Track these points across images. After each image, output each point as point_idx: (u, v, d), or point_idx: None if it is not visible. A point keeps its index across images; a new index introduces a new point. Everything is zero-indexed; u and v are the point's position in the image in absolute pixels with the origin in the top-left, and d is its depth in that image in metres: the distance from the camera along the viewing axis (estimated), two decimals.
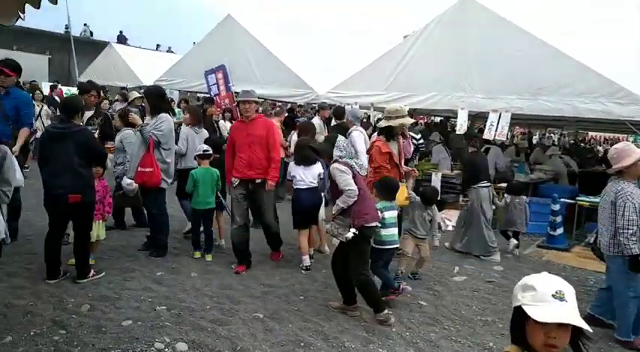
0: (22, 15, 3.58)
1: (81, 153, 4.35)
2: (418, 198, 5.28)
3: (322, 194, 5.64)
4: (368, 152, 5.46)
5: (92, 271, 4.58)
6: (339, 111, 8.32)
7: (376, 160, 5.11)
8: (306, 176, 5.45)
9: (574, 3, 8.83)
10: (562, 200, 7.21)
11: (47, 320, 3.71)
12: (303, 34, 12.53)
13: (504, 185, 8.31)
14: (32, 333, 3.51)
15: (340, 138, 4.41)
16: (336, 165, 4.15)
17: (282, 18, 13.00)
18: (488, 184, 6.57)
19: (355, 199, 4.04)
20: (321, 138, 8.71)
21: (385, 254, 4.55)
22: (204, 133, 6.38)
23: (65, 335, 3.51)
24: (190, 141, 6.11)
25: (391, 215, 4.51)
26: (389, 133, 5.23)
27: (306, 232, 5.56)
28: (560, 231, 7.09)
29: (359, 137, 6.66)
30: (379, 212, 4.33)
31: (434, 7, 9.10)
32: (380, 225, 4.30)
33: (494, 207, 6.64)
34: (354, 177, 4.12)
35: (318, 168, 5.50)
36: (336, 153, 4.23)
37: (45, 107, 10.68)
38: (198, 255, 5.53)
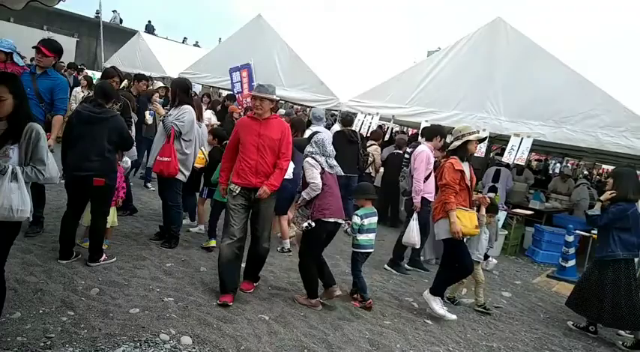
0: None
1: (112, 139, 4.43)
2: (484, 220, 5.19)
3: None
4: (436, 170, 4.93)
5: (104, 255, 4.62)
6: (347, 119, 8.35)
7: (444, 177, 4.60)
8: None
9: (597, 32, 8.74)
10: (577, 231, 7.13)
11: (57, 299, 3.74)
12: (330, 41, 12.57)
13: (521, 211, 8.28)
14: (41, 311, 3.53)
15: (317, 136, 4.71)
16: (307, 159, 4.53)
17: (310, 22, 13.05)
18: None
19: (318, 192, 4.41)
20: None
21: (361, 257, 4.87)
22: (205, 129, 6.47)
23: (73, 316, 3.53)
24: (199, 136, 6.13)
25: (371, 221, 4.82)
26: (463, 152, 4.75)
27: (285, 217, 6.10)
28: (572, 262, 7.01)
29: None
30: (359, 217, 4.72)
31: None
32: (356, 226, 4.71)
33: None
34: (322, 173, 4.48)
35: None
36: (307, 148, 4.60)
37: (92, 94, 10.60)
38: (213, 243, 5.62)
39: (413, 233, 5.70)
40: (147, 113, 7.97)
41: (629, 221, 4.73)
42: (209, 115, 9.39)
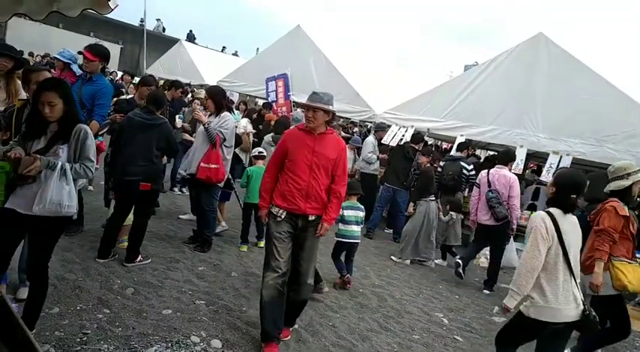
0: (112, 5, 3.79)
1: (160, 145, 4.62)
2: None
3: None
4: (595, 214, 4.24)
5: (140, 256, 4.74)
6: (417, 137, 8.50)
7: (603, 222, 4.00)
8: None
9: None
10: None
11: (94, 297, 3.86)
12: (367, 53, 12.65)
13: None
14: (78, 308, 3.65)
15: None
16: None
17: (348, 34, 13.17)
18: (434, 198, 7.21)
19: None
20: (374, 157, 8.75)
21: (343, 246, 5.28)
22: None
23: (109, 314, 3.63)
24: None
25: (351, 214, 5.26)
26: (629, 195, 4.17)
27: None
28: None
29: None
30: (341, 209, 4.79)
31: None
32: (338, 217, 4.72)
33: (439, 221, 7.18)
34: None
35: None
36: None
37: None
38: (245, 248, 5.78)
39: (513, 254, 6.27)
40: (177, 117, 8.27)
41: None
42: (245, 123, 9.55)
